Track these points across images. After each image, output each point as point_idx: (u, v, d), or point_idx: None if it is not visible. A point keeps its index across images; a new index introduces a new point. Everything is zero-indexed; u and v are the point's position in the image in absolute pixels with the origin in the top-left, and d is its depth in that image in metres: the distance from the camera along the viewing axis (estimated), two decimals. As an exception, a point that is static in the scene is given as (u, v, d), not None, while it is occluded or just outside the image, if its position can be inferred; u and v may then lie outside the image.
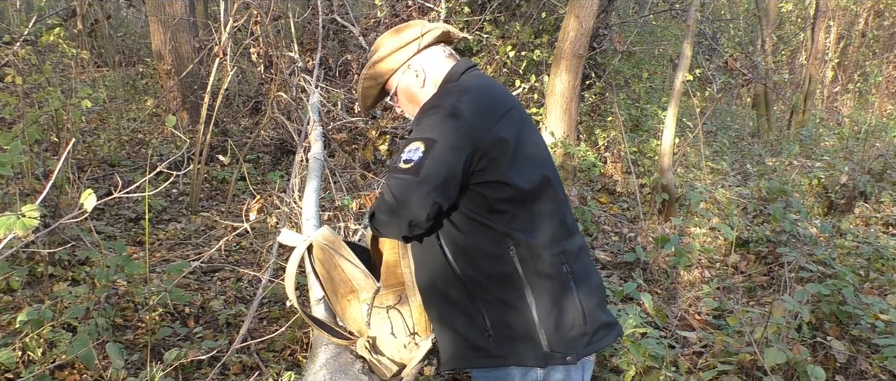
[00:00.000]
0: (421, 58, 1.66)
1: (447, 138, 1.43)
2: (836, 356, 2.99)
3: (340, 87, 5.43)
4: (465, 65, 1.65)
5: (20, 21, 7.61)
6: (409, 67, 1.66)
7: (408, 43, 1.64)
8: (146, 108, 7.30)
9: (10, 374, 2.42)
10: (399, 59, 1.65)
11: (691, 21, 5.65)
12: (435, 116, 1.47)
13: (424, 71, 1.65)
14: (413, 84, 1.66)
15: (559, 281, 1.49)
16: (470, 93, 1.50)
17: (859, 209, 5.77)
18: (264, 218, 3.88)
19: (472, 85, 1.55)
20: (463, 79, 1.61)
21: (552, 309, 1.48)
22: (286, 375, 2.66)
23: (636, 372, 2.77)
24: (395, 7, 6.06)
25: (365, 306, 1.68)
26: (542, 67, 6.86)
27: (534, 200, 1.49)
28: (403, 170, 1.43)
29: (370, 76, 1.68)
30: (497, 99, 1.53)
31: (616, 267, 4.55)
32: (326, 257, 1.71)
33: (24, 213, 1.37)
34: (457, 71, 1.64)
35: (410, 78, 1.66)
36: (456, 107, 1.46)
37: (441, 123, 1.45)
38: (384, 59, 1.65)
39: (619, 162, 6.64)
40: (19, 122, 3.62)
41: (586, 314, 1.51)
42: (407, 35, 1.65)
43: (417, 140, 1.45)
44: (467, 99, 1.48)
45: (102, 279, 3.02)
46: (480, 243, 1.48)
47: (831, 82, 13.71)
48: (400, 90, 1.68)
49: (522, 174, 1.47)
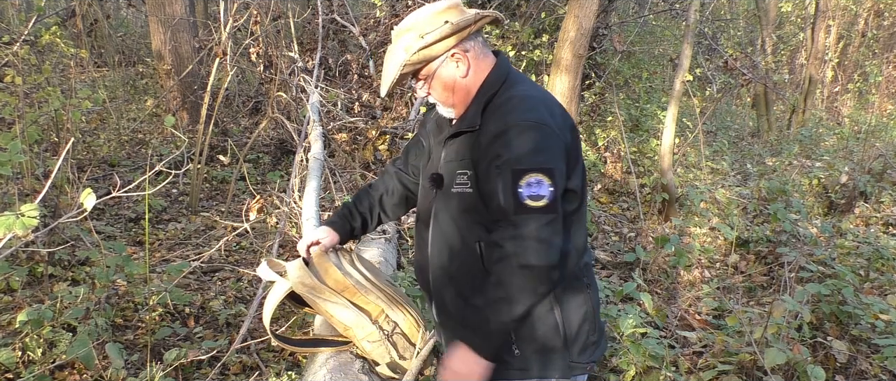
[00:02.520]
0: (465, 45, 1.52)
1: (559, 160, 1.40)
2: (836, 356, 2.99)
3: (340, 87, 5.43)
4: (508, 61, 1.58)
5: (20, 21, 7.60)
6: (452, 55, 1.52)
7: (458, 30, 1.48)
8: (146, 108, 7.29)
9: (10, 374, 2.42)
10: (444, 46, 1.50)
11: (691, 21, 5.64)
12: (537, 138, 1.38)
13: (468, 60, 1.53)
14: (455, 73, 1.53)
15: (581, 294, 1.52)
16: (547, 103, 1.46)
17: (859, 209, 5.76)
18: (264, 218, 3.88)
19: (539, 93, 1.50)
20: (512, 80, 1.53)
21: (576, 320, 1.50)
22: (286, 375, 2.66)
23: (636, 372, 2.77)
24: (395, 7, 6.06)
25: (366, 344, 1.66)
26: (542, 67, 6.86)
27: (577, 211, 1.49)
28: (538, 209, 1.34)
29: (412, 63, 1.50)
30: (562, 109, 1.50)
31: (616, 267, 4.55)
32: (310, 299, 1.65)
33: (24, 212, 1.37)
34: (505, 68, 1.55)
35: (451, 67, 1.53)
36: (549, 123, 1.41)
37: (547, 145, 1.39)
38: (432, 46, 1.49)
39: (619, 162, 6.63)
40: (19, 122, 3.62)
41: (598, 324, 1.56)
42: (458, 21, 1.48)
43: (534, 171, 1.35)
44: (549, 111, 1.44)
45: (102, 279, 3.02)
46: None
47: (831, 82, 13.70)
48: (437, 77, 1.54)
49: (579, 180, 1.47)
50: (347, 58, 5.65)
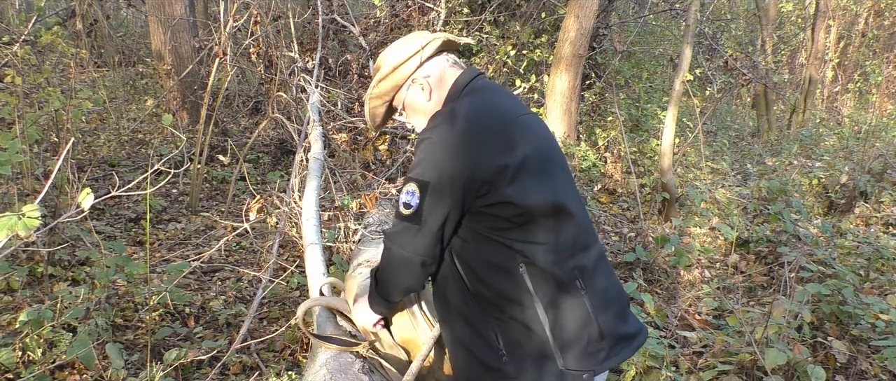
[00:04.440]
0: (424, 70, 1.61)
1: (441, 176, 1.43)
2: (836, 356, 2.99)
3: (340, 87, 5.43)
4: (470, 74, 1.61)
5: (20, 21, 7.60)
6: (413, 81, 1.61)
7: (409, 57, 1.60)
8: (146, 108, 7.29)
9: (10, 374, 2.42)
10: (403, 73, 1.61)
11: (691, 21, 5.64)
12: (427, 149, 1.45)
13: (429, 83, 1.61)
14: (419, 98, 1.62)
15: (572, 298, 1.47)
16: (465, 120, 1.46)
17: (859, 209, 5.76)
18: (264, 218, 3.88)
19: (468, 107, 1.49)
20: (466, 93, 1.57)
21: (566, 327, 1.45)
22: (286, 375, 2.66)
23: (636, 372, 2.77)
24: (395, 7, 6.06)
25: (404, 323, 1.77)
26: (542, 67, 6.86)
27: (544, 216, 1.46)
28: (406, 217, 1.47)
29: (376, 95, 1.65)
30: (496, 120, 1.48)
31: (616, 267, 4.54)
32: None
33: (25, 213, 1.37)
34: (461, 82, 1.60)
35: (416, 92, 1.62)
36: (447, 138, 1.44)
37: (432, 159, 1.44)
38: (387, 77, 1.62)
39: (619, 162, 6.63)
40: (19, 122, 3.62)
41: (603, 329, 1.48)
42: (407, 49, 1.60)
43: (412, 181, 1.46)
44: (462, 128, 1.44)
45: (102, 279, 3.02)
46: (490, 259, 1.47)
47: (831, 82, 13.70)
48: (407, 105, 1.65)
49: (529, 193, 1.44)
50: (347, 58, 5.65)
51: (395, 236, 1.50)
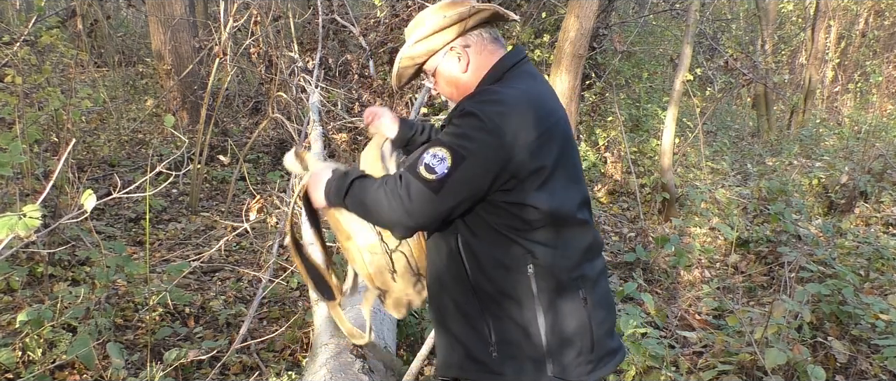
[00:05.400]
0: (465, 40, 1.50)
1: (479, 157, 1.33)
2: (836, 356, 2.99)
3: (340, 87, 5.43)
4: (514, 57, 1.51)
5: (20, 21, 7.60)
6: (451, 48, 1.50)
7: (452, 23, 1.47)
8: (146, 108, 7.29)
9: (10, 374, 2.42)
10: (442, 39, 1.49)
11: (691, 21, 5.65)
12: (471, 126, 1.34)
13: (468, 55, 1.50)
14: (455, 68, 1.51)
15: (573, 305, 1.43)
16: (515, 107, 1.36)
17: (859, 209, 5.77)
18: (264, 218, 3.89)
19: (520, 95, 1.40)
20: (515, 76, 1.47)
21: (563, 334, 1.42)
22: (286, 375, 2.66)
23: (636, 372, 2.77)
24: (395, 7, 6.06)
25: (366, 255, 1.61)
26: (542, 67, 6.86)
27: (562, 223, 1.42)
28: (425, 180, 1.33)
29: (408, 56, 1.53)
30: (543, 115, 1.39)
31: (616, 267, 4.54)
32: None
33: (26, 213, 1.37)
34: (505, 64, 1.49)
35: (452, 61, 1.51)
36: (496, 122, 1.33)
37: (476, 137, 1.33)
38: (424, 40, 1.49)
39: (619, 162, 6.64)
40: (19, 122, 3.62)
41: (595, 342, 1.45)
42: (451, 14, 1.47)
43: (447, 148, 1.34)
44: (511, 114, 1.35)
45: (102, 279, 3.02)
46: (499, 255, 1.41)
47: (831, 82, 13.70)
48: (440, 73, 1.53)
49: (554, 198, 1.39)
50: (347, 58, 5.65)
51: (403, 188, 1.35)
